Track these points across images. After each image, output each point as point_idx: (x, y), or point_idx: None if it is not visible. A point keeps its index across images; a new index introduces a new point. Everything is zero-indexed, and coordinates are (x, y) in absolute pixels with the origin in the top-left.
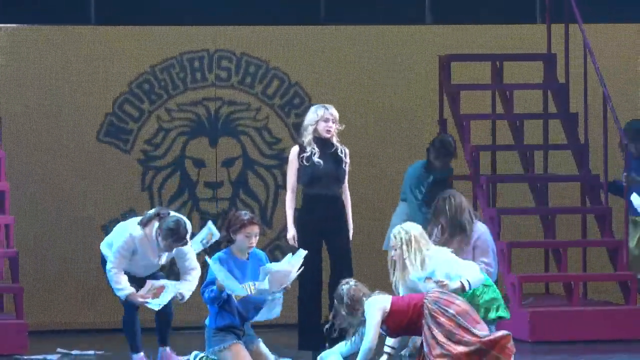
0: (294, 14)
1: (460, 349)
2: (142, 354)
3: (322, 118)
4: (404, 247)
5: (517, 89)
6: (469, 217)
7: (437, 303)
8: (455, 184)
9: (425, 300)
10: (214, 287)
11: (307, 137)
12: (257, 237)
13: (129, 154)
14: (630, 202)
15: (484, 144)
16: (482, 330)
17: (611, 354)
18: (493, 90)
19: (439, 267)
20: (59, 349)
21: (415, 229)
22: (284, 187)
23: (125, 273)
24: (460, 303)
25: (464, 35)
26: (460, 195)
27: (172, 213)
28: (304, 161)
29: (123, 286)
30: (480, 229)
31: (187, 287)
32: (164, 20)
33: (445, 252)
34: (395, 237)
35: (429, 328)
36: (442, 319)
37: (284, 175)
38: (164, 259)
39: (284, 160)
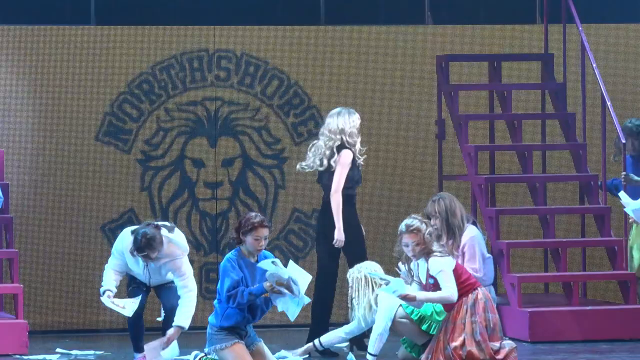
0: (294, 14)
1: (474, 351)
2: (144, 353)
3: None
4: (354, 285)
5: (515, 89)
6: (460, 220)
7: (486, 301)
8: (454, 184)
9: (479, 289)
10: (245, 291)
11: (358, 141)
12: (267, 240)
13: (128, 154)
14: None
15: (482, 144)
16: (496, 343)
17: (611, 354)
18: (491, 90)
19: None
20: (59, 349)
21: (368, 268)
22: (284, 187)
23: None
24: (497, 317)
25: (463, 36)
26: (451, 196)
27: (157, 225)
28: (356, 164)
29: (104, 282)
30: (470, 233)
31: (183, 315)
32: (164, 20)
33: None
34: (350, 277)
35: (467, 311)
36: (481, 312)
37: (284, 175)
38: (148, 271)
39: (284, 161)
